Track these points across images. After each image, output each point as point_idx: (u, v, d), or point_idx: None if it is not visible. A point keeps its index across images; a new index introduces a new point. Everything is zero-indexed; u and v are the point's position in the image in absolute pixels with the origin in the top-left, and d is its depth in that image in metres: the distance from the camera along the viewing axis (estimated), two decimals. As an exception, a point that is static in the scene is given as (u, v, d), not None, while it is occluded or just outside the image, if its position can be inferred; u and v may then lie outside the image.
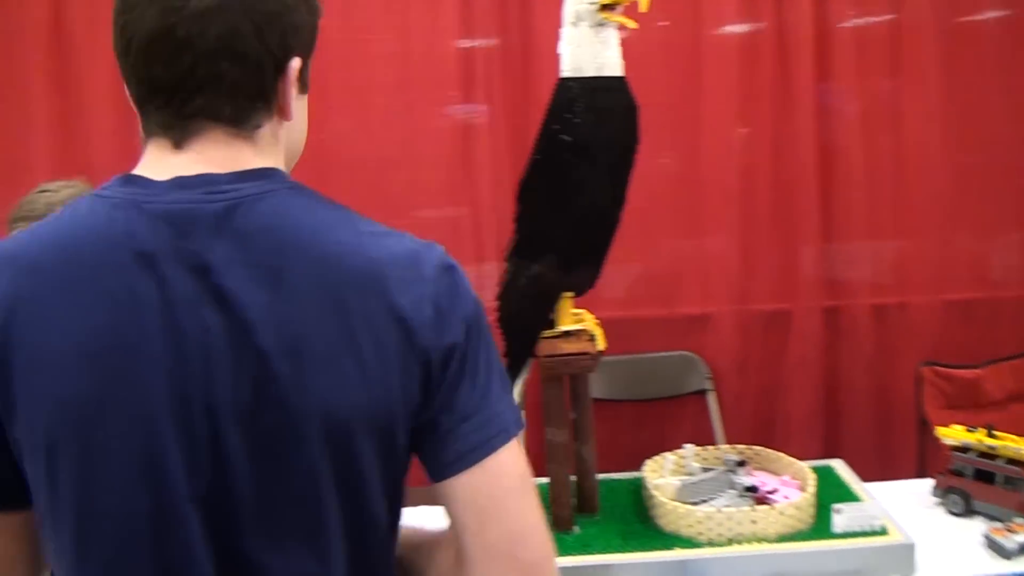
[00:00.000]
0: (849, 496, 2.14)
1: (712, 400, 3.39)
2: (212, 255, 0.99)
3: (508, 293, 2.08)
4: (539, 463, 1.62)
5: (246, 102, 1.04)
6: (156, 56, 1.00)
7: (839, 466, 2.34)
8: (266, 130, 1.07)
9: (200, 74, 1.00)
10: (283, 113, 1.07)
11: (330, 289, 1.00)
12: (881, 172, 3.40)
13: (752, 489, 2.09)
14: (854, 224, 3.41)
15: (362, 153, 3.44)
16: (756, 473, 2.23)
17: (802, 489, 2.08)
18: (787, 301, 3.43)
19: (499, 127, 3.38)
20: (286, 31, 1.04)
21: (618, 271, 3.44)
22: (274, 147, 1.09)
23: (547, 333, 2.07)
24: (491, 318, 2.12)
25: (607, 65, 1.99)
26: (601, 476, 2.33)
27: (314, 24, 1.09)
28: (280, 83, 1.05)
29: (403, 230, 1.12)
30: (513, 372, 2.08)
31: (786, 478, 2.19)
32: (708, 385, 3.40)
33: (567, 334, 2.08)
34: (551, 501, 2.09)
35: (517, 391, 2.16)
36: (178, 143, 1.04)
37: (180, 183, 1.02)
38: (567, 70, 2.01)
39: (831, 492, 2.13)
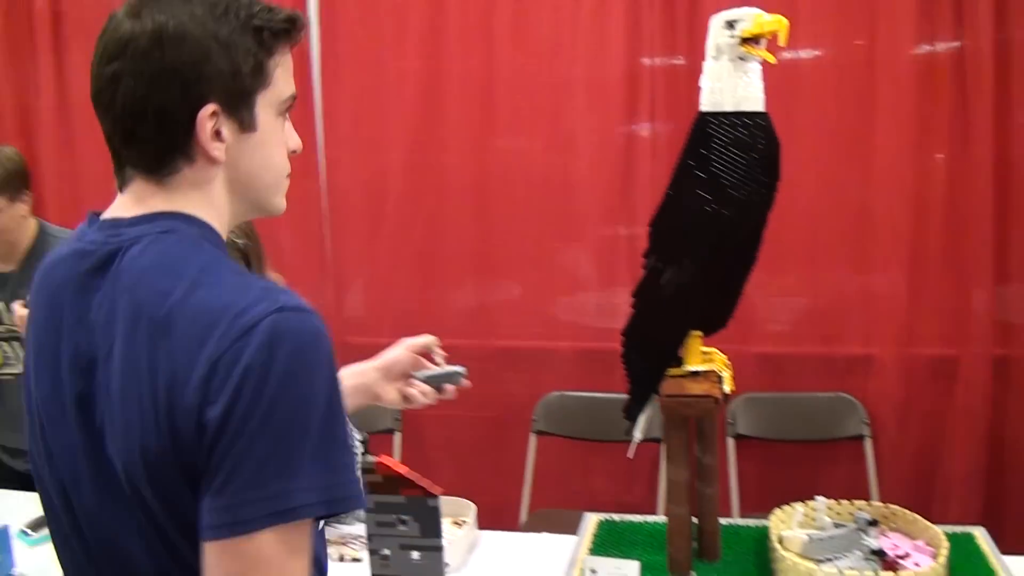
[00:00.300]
0: (984, 570, 1.99)
1: (868, 447, 3.24)
2: (95, 292, 1.12)
3: (642, 309, 2.04)
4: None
5: (159, 153, 1.13)
6: (98, 115, 1.15)
7: (980, 535, 2.18)
8: (187, 175, 1.14)
9: (119, 131, 1.13)
10: (207, 158, 1.14)
11: (136, 334, 1.07)
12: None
13: (879, 553, 1.98)
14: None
15: (525, 174, 3.49)
16: (890, 534, 2.11)
17: (934, 557, 1.95)
18: (955, 347, 3.23)
19: (661, 147, 3.35)
20: (190, 85, 1.10)
21: (779, 304, 3.38)
22: (199, 189, 1.16)
23: (674, 371, 2.02)
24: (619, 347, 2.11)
25: (748, 100, 1.92)
26: (728, 521, 2.26)
27: (235, 68, 1.12)
28: (195, 132, 1.11)
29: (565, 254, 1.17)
30: (639, 403, 2.04)
31: (920, 543, 2.06)
32: (865, 431, 3.25)
33: (694, 374, 2.02)
34: (667, 542, 2.04)
35: (640, 426, 2.12)
36: (119, 188, 1.18)
37: (100, 225, 1.17)
38: (706, 104, 1.95)
39: (965, 563, 2.00)
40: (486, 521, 2.42)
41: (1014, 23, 3.09)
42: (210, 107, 1.11)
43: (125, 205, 1.16)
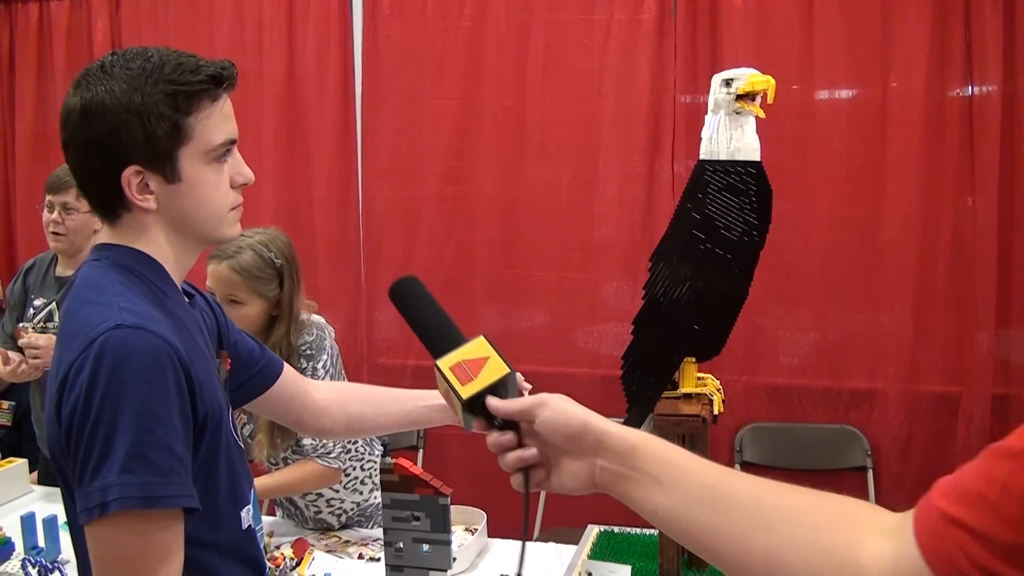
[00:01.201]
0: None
1: (870, 478, 3.38)
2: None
3: (641, 336, 2.21)
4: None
5: (102, 204, 1.37)
6: None
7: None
8: (127, 220, 1.37)
9: (78, 186, 1.40)
10: (139, 208, 1.35)
11: (58, 341, 1.33)
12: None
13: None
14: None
15: (551, 206, 3.68)
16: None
17: None
18: (957, 384, 3.36)
19: (682, 183, 3.50)
20: (112, 152, 1.31)
21: (791, 338, 3.52)
22: (140, 230, 1.38)
23: (668, 393, 2.19)
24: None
25: (742, 150, 2.10)
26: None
27: (149, 134, 1.31)
28: (123, 189, 1.33)
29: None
30: (636, 421, 2.21)
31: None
32: (868, 462, 3.39)
33: (687, 396, 2.20)
34: (659, 552, 2.21)
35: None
36: None
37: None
38: (704, 152, 2.14)
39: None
40: (501, 535, 2.59)
41: (1021, 73, 3.23)
42: (132, 168, 1.32)
43: (100, 237, 1.42)
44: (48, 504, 2.62)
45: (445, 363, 1.15)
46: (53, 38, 4.25)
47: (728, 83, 2.09)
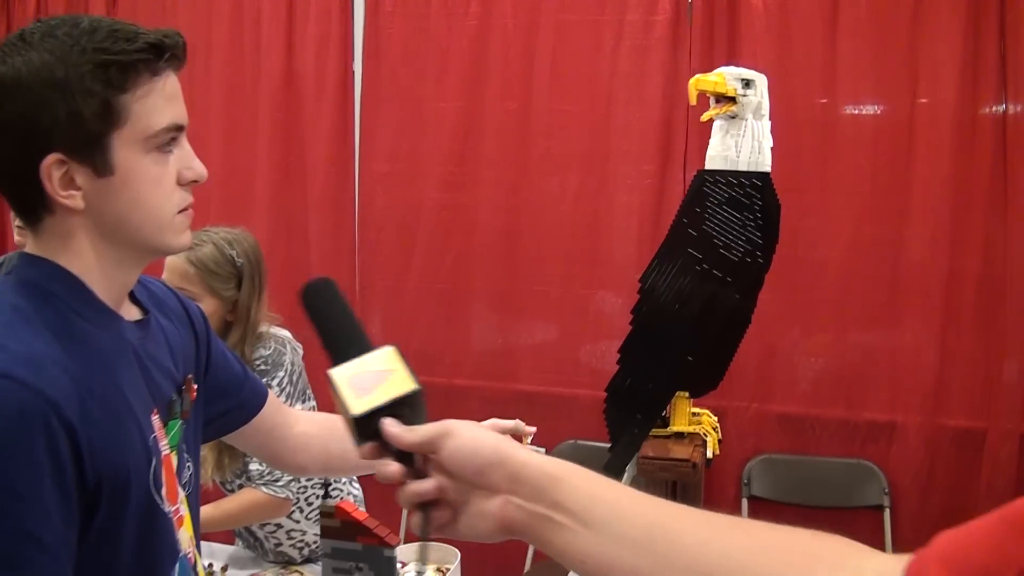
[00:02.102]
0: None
1: (887, 518, 3.15)
2: None
3: (628, 368, 2.01)
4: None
5: (20, 205, 1.14)
6: None
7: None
8: (49, 225, 1.14)
9: None
10: (64, 208, 1.11)
11: None
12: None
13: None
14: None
15: (556, 217, 3.49)
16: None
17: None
18: (983, 419, 3.13)
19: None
20: (27, 137, 1.08)
21: (805, 364, 3.31)
22: (63, 238, 1.14)
23: (658, 431, 1.98)
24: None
25: (747, 160, 1.90)
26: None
27: (75, 113, 1.08)
28: (43, 183, 1.09)
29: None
30: (620, 463, 2.00)
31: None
32: (885, 501, 3.16)
33: (678, 436, 1.99)
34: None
35: (626, 478, 2.09)
36: None
37: None
38: (707, 162, 1.94)
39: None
40: (491, 571, 2.39)
41: None
42: (52, 157, 1.08)
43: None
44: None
45: (340, 373, 0.96)
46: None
47: (748, 84, 1.90)
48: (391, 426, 0.93)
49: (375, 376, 0.95)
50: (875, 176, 3.18)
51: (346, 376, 0.95)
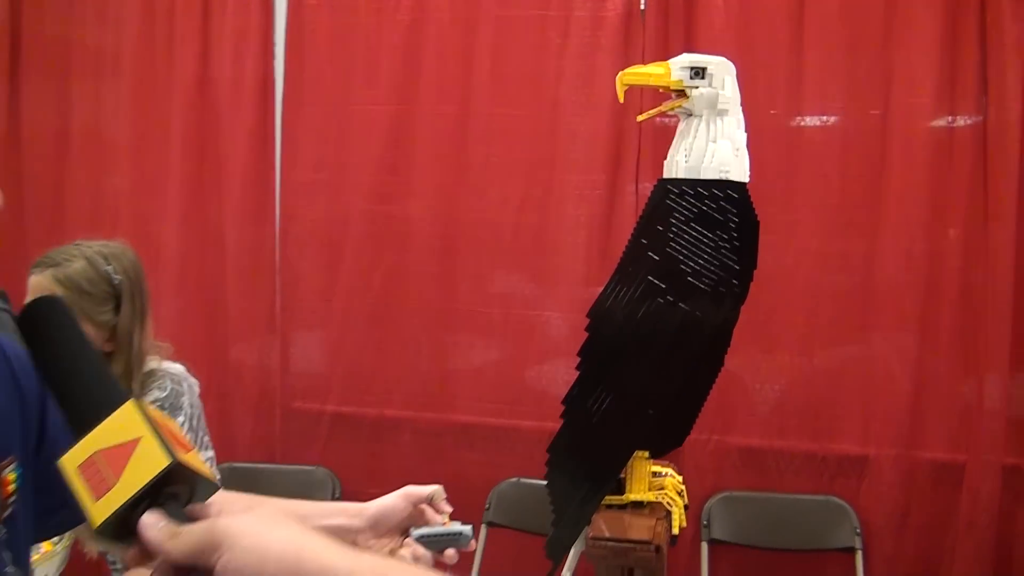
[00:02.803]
0: None
1: (859, 561, 2.89)
2: None
3: (574, 422, 1.69)
4: None
5: None
6: None
7: None
8: None
9: None
10: None
11: None
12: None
13: None
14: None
15: (497, 230, 3.22)
16: None
17: None
18: (962, 451, 2.90)
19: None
20: None
21: (768, 392, 3.06)
22: None
23: (611, 500, 1.66)
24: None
25: (719, 167, 1.60)
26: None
27: None
28: None
29: None
30: (565, 540, 1.67)
31: None
32: (857, 542, 2.90)
33: (637, 506, 1.66)
34: None
35: (571, 565, 1.75)
36: None
37: None
38: (667, 169, 1.64)
39: None
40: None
41: None
42: None
43: None
44: None
45: (72, 461, 0.70)
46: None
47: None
48: (150, 528, 0.71)
49: (116, 455, 0.70)
50: (845, 187, 2.94)
51: (77, 463, 0.70)
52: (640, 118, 1.66)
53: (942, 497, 2.91)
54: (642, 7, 3.05)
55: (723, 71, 1.67)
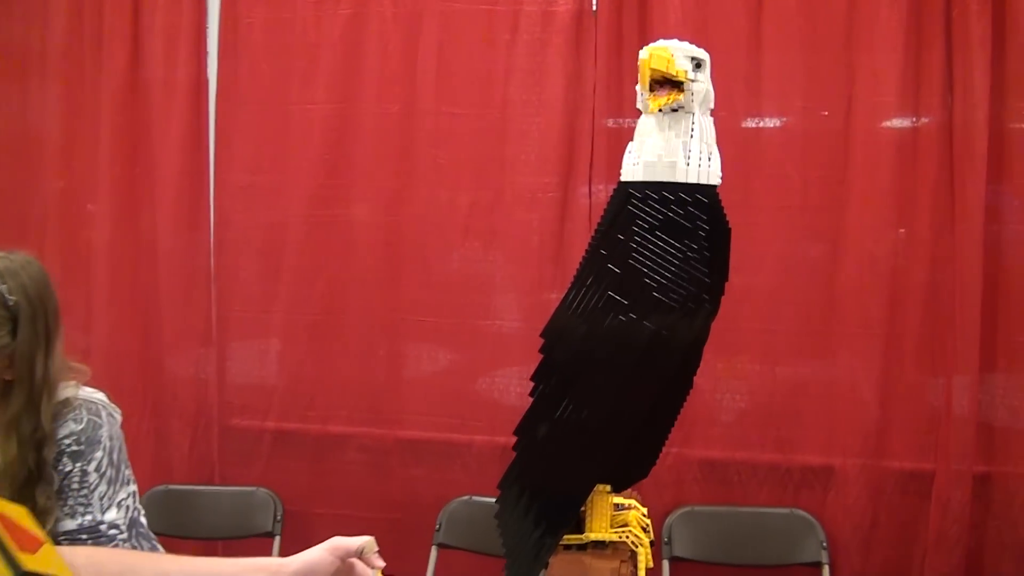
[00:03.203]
0: None
1: (827, 576, 2.77)
2: None
3: (528, 453, 1.54)
4: None
5: None
6: None
7: None
8: None
9: None
10: None
11: None
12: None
13: None
14: (1021, 368, 2.76)
15: (444, 235, 3.07)
16: None
17: None
18: (931, 460, 2.80)
19: (600, 211, 2.90)
20: None
21: (729, 402, 2.95)
22: None
23: (570, 538, 1.51)
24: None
25: (696, 170, 1.46)
26: None
27: None
28: None
29: None
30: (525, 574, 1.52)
31: None
32: (823, 556, 2.79)
33: (598, 546, 1.51)
34: None
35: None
36: None
37: None
38: (628, 171, 1.50)
39: None
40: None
41: (1010, 95, 2.72)
42: None
43: None
44: None
45: None
46: None
47: (700, 66, 1.47)
48: None
49: None
50: (806, 190, 2.84)
51: None
52: (653, 108, 1.51)
53: (911, 508, 2.82)
54: (594, 4, 2.92)
55: (708, 64, 1.54)
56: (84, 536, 1.72)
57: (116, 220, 3.23)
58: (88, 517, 1.73)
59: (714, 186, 1.47)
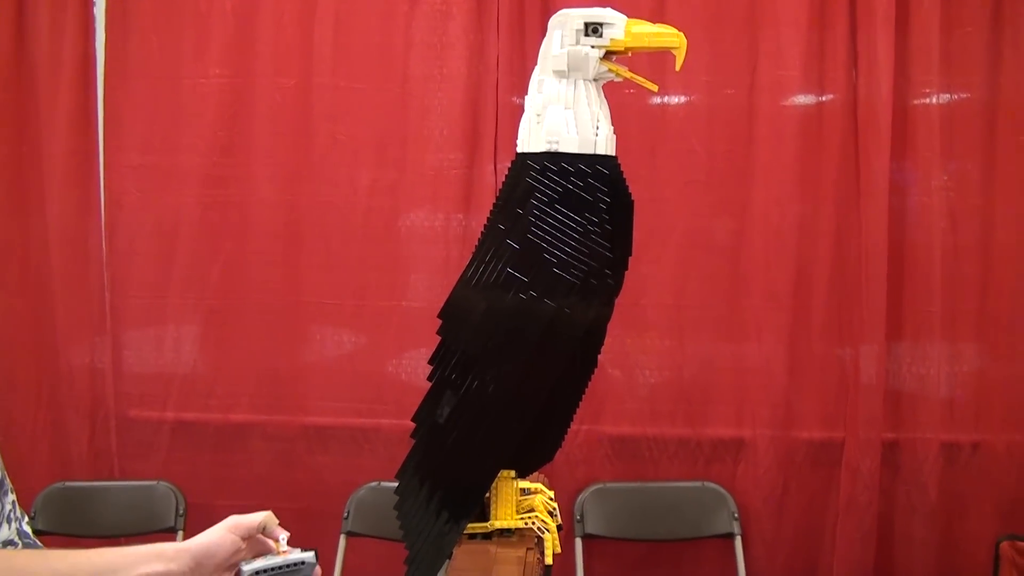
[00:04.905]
0: None
1: (739, 546, 2.79)
2: None
3: (427, 440, 1.47)
4: None
5: None
6: None
7: None
8: None
9: None
10: None
11: None
12: (965, 273, 2.81)
13: None
14: (926, 337, 2.81)
15: (346, 216, 2.98)
16: None
17: None
18: (840, 429, 2.84)
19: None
20: None
21: (637, 377, 2.93)
22: None
23: (473, 527, 1.45)
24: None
25: (592, 140, 1.40)
26: None
27: None
28: None
29: None
30: (427, 569, 1.44)
31: None
32: (735, 528, 2.80)
33: (504, 534, 1.46)
34: None
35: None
36: None
37: None
38: (525, 142, 1.44)
39: None
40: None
41: (914, 71, 2.77)
42: None
43: None
44: None
45: None
46: None
47: (595, 31, 1.39)
48: None
49: None
50: (712, 165, 2.85)
51: None
52: (655, 87, 1.46)
53: (821, 476, 2.86)
54: (495, -29, 2.86)
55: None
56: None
57: (2, 203, 3.07)
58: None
59: (614, 157, 1.41)
